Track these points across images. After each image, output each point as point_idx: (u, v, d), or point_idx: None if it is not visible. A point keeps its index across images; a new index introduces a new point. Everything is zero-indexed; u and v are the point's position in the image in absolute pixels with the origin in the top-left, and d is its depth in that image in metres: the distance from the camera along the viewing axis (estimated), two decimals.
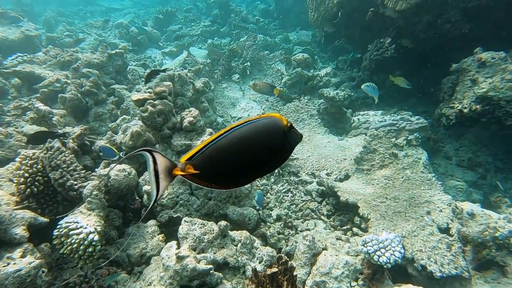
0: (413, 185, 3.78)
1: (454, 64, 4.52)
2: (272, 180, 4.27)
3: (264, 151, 1.18)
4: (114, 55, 5.75)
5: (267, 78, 6.75)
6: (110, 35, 9.94)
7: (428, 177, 3.84)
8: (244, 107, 6.02)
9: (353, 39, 7.04)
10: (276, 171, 4.29)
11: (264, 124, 1.18)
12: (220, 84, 6.47)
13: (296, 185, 4.21)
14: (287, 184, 4.21)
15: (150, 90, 3.52)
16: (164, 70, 4.47)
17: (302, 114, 5.50)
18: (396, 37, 5.52)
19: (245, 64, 6.94)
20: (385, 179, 3.91)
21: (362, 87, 4.34)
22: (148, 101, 3.45)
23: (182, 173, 1.12)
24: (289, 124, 1.21)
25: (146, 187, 3.36)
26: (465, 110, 4.24)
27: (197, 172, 1.12)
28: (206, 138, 3.54)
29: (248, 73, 6.84)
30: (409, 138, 4.32)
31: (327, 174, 4.28)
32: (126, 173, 3.32)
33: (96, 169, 3.40)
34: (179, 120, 3.62)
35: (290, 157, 4.52)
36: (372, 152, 4.16)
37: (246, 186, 3.67)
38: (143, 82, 3.73)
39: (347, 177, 4.23)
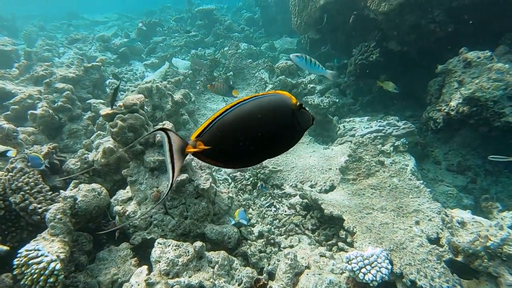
0: (400, 194, 3.61)
1: (440, 65, 4.40)
2: (255, 194, 4.08)
3: (269, 127, 1.12)
4: (90, 68, 5.55)
5: (251, 87, 6.60)
6: (91, 48, 9.74)
7: (416, 184, 3.68)
8: None
9: (338, 45, 6.91)
10: (259, 184, 4.10)
11: (270, 100, 1.13)
12: (203, 95, 6.30)
13: (279, 199, 4.02)
14: (270, 197, 4.02)
15: (120, 103, 3.32)
16: (118, 84, 4.33)
17: None
18: (381, 40, 5.40)
19: (228, 74, 6.77)
20: (371, 188, 3.74)
21: (291, 56, 3.81)
22: (117, 116, 3.26)
23: (194, 149, 1.09)
24: (298, 103, 1.14)
25: (117, 208, 3.15)
26: (453, 113, 4.11)
27: (208, 148, 1.10)
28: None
29: (231, 82, 6.67)
30: (396, 144, 4.17)
31: (312, 186, 4.09)
32: (96, 193, 3.12)
33: (61, 191, 3.18)
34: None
35: (273, 168, 4.37)
36: (357, 160, 3.99)
37: (225, 202, 3.48)
38: (109, 105, 3.55)
39: (332, 188, 4.05)
